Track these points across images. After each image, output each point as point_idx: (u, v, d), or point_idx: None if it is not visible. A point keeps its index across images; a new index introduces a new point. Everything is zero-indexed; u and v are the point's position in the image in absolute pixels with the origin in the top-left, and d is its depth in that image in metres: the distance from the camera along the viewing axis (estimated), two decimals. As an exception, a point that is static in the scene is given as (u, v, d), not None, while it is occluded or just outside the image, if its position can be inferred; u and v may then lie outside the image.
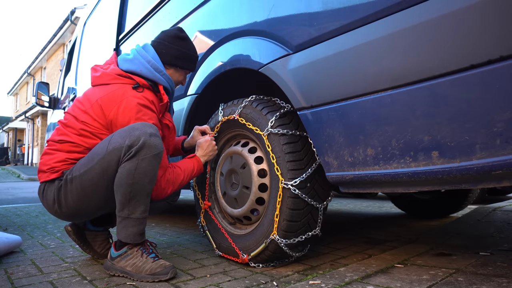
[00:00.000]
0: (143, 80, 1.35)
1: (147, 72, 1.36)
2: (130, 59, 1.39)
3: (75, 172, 1.25)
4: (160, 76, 1.39)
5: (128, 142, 1.18)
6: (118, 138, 1.21)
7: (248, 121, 1.37)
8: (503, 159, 0.73)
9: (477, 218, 2.20)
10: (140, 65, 1.37)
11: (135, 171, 1.18)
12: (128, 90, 1.32)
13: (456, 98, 0.78)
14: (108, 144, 1.22)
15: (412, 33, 0.84)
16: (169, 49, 1.43)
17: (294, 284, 1.12)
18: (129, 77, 1.35)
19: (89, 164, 1.23)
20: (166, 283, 1.18)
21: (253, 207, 1.40)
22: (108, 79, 1.35)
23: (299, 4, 1.13)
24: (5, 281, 1.25)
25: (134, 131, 1.20)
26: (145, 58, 1.38)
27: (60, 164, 1.28)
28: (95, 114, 1.30)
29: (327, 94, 1.06)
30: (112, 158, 1.20)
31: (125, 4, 2.66)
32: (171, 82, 1.45)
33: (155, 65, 1.38)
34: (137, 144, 1.18)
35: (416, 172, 0.89)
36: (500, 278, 1.06)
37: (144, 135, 1.19)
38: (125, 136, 1.20)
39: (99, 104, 1.29)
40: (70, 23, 14.83)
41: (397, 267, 1.24)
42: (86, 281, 1.23)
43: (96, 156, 1.23)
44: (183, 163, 1.42)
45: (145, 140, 1.19)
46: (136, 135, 1.19)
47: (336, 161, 1.07)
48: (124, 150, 1.19)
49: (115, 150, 1.20)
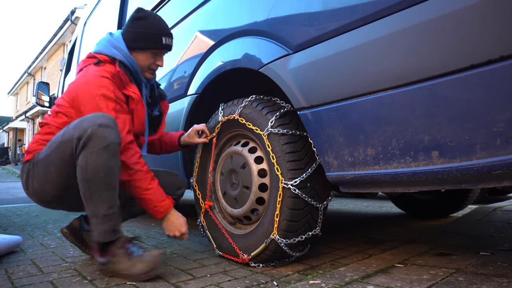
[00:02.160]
0: (103, 56, 1.39)
1: (105, 49, 1.41)
2: (97, 43, 1.47)
3: (40, 156, 1.28)
4: (116, 51, 1.41)
5: (77, 134, 1.17)
6: (71, 129, 1.20)
7: (248, 121, 1.37)
8: (503, 159, 0.73)
9: (477, 218, 2.20)
10: (102, 45, 1.43)
11: (86, 165, 1.16)
12: (90, 67, 1.37)
13: (456, 98, 0.78)
14: (63, 134, 1.23)
15: (412, 33, 0.84)
16: (128, 34, 1.44)
17: (294, 284, 1.12)
18: (93, 57, 1.41)
19: (48, 150, 1.25)
20: (166, 283, 1.18)
21: (253, 207, 1.40)
22: (81, 65, 1.42)
23: (299, 4, 1.13)
24: (5, 281, 1.26)
25: (83, 122, 1.18)
26: (107, 39, 1.44)
27: (35, 146, 1.33)
28: (65, 95, 1.36)
29: (327, 94, 1.06)
30: (65, 149, 1.20)
31: (125, 4, 2.66)
32: (131, 60, 1.42)
33: (113, 43, 1.42)
34: (85, 136, 1.15)
35: (416, 172, 0.89)
36: (500, 278, 1.06)
37: (92, 126, 1.16)
38: (76, 127, 1.19)
39: (69, 87, 1.37)
40: (70, 23, 14.83)
41: (397, 267, 1.24)
42: (86, 281, 1.23)
43: (53, 144, 1.24)
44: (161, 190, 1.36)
45: (93, 131, 1.15)
46: (84, 127, 1.16)
47: (336, 161, 1.07)
48: (75, 142, 1.17)
49: (67, 141, 1.19)
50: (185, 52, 1.82)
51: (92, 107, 1.29)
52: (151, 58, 1.46)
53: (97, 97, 1.29)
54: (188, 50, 1.79)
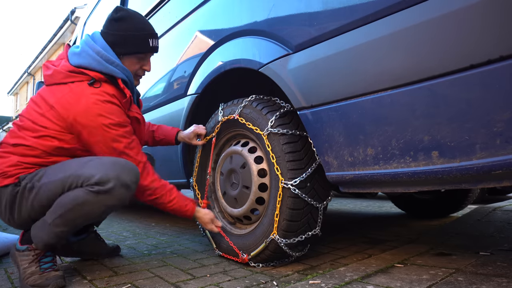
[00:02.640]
0: (98, 73, 1.22)
1: (98, 65, 1.23)
2: (78, 52, 1.25)
3: (37, 182, 1.14)
4: (113, 67, 1.25)
5: (97, 178, 1.09)
6: (92, 168, 1.12)
7: (248, 121, 1.37)
8: (503, 159, 0.73)
9: (477, 218, 2.20)
10: (89, 58, 1.23)
11: (82, 206, 1.10)
12: (84, 88, 1.20)
13: (456, 98, 0.78)
14: (80, 168, 1.12)
15: (412, 33, 0.84)
16: (109, 37, 1.28)
17: (294, 283, 1.12)
18: (82, 73, 1.21)
19: (51, 178, 1.13)
20: (166, 283, 1.18)
21: (253, 207, 1.40)
22: (61, 77, 1.22)
23: (299, 4, 1.13)
24: (5, 281, 1.26)
25: (111, 170, 1.11)
26: (93, 49, 1.24)
27: (13, 169, 1.16)
28: (53, 117, 1.18)
29: (327, 94, 1.06)
30: (75, 181, 1.11)
31: (125, 4, 2.66)
32: (127, 72, 1.30)
33: (106, 56, 1.24)
34: (104, 187, 1.09)
35: (416, 172, 0.89)
36: (500, 278, 1.06)
37: (117, 181, 1.11)
38: (100, 169, 1.11)
39: (56, 108, 1.18)
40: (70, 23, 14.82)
41: (397, 267, 1.24)
42: (86, 280, 1.23)
43: (61, 175, 1.13)
44: (181, 195, 1.39)
45: (114, 188, 1.10)
46: (109, 176, 1.10)
47: (336, 161, 1.07)
48: (90, 181, 1.09)
49: (81, 177, 1.10)
50: (185, 52, 1.82)
51: (103, 137, 1.20)
52: (137, 64, 1.35)
53: (107, 127, 1.19)
54: (188, 50, 1.79)
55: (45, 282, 1.13)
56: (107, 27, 1.30)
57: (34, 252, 1.18)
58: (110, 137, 1.21)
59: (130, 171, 1.16)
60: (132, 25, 1.29)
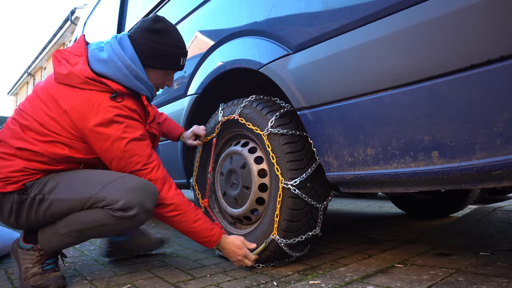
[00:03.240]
0: (120, 87, 1.14)
1: (126, 81, 1.16)
2: (105, 60, 1.15)
3: (49, 194, 1.09)
4: (140, 85, 1.19)
5: (122, 205, 1.07)
6: (114, 192, 1.08)
7: (248, 121, 1.37)
8: (503, 159, 0.73)
9: (477, 218, 2.20)
10: (117, 70, 1.14)
11: (102, 226, 1.10)
12: (105, 100, 1.12)
13: (456, 98, 0.78)
14: (101, 190, 1.09)
15: (412, 33, 0.84)
16: (142, 46, 1.19)
17: (294, 284, 1.12)
18: (103, 83, 1.13)
19: (69, 194, 1.09)
20: (166, 283, 1.18)
21: (253, 207, 1.40)
22: (78, 82, 1.12)
23: (299, 4, 1.13)
24: (5, 281, 1.26)
25: (135, 197, 1.09)
26: (123, 61, 1.15)
27: (19, 175, 1.09)
28: (66, 124, 1.11)
29: (327, 94, 1.06)
30: (96, 202, 1.08)
31: (125, 4, 2.66)
32: (152, 89, 1.26)
33: (135, 72, 1.17)
34: (128, 213, 1.08)
35: (416, 172, 0.88)
36: (500, 278, 1.06)
37: (140, 208, 1.10)
38: (123, 195, 1.08)
39: (70, 115, 1.10)
40: (70, 23, 14.82)
41: (397, 267, 1.24)
42: (86, 281, 1.23)
43: (80, 192, 1.09)
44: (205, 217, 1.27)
45: (137, 213, 1.09)
46: (134, 203, 1.08)
47: (336, 161, 1.07)
48: (113, 206, 1.08)
49: (103, 201, 1.08)
50: (185, 52, 1.82)
51: (122, 153, 1.14)
52: (162, 78, 1.30)
53: (126, 143, 1.14)
54: (188, 50, 1.79)
55: (46, 282, 1.13)
56: (142, 35, 1.20)
57: (39, 253, 1.17)
58: (128, 154, 1.15)
59: (152, 196, 1.14)
60: (168, 40, 1.23)
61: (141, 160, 1.17)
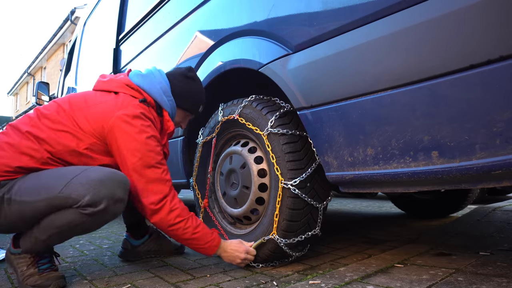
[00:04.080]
0: (151, 98, 1.29)
1: (156, 93, 1.30)
2: (144, 74, 1.33)
3: (15, 196, 1.05)
4: (167, 100, 1.33)
5: (88, 200, 1.02)
6: (79, 187, 1.03)
7: (248, 121, 1.37)
8: (503, 159, 0.73)
9: (477, 218, 2.20)
10: (151, 84, 1.30)
11: (78, 226, 1.07)
12: (134, 101, 1.23)
13: (456, 98, 0.78)
14: (65, 187, 1.04)
15: (412, 33, 0.84)
16: (176, 87, 1.37)
17: (294, 284, 1.12)
18: (138, 91, 1.27)
19: (32, 196, 1.05)
20: (166, 283, 1.18)
21: (253, 207, 1.40)
22: (115, 86, 1.26)
23: (299, 4, 1.13)
24: (5, 281, 1.26)
25: (101, 189, 1.04)
26: (158, 78, 1.33)
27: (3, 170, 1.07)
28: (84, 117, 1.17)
29: (327, 94, 1.06)
30: (62, 203, 1.04)
31: (125, 4, 2.66)
32: (174, 113, 1.38)
33: (165, 88, 1.33)
34: (97, 208, 1.04)
35: (416, 172, 0.89)
36: (500, 278, 1.06)
37: (110, 199, 1.05)
38: (88, 189, 1.03)
39: (96, 107, 1.19)
40: (70, 23, 14.83)
41: (397, 267, 1.24)
42: (86, 281, 1.23)
43: (43, 192, 1.04)
44: (206, 228, 1.26)
45: (108, 205, 1.05)
46: (101, 196, 1.03)
47: (336, 161, 1.07)
48: (80, 204, 1.03)
49: (69, 199, 1.03)
50: (185, 52, 1.82)
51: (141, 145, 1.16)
52: (181, 118, 1.46)
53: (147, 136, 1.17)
54: (188, 50, 1.79)
55: (46, 282, 1.13)
56: (176, 77, 1.38)
57: (30, 255, 1.16)
58: (147, 148, 1.17)
59: (122, 183, 1.10)
60: (197, 87, 1.43)
61: (157, 158, 1.20)
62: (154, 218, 1.18)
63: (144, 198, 1.17)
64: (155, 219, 1.18)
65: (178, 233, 1.20)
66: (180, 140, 1.84)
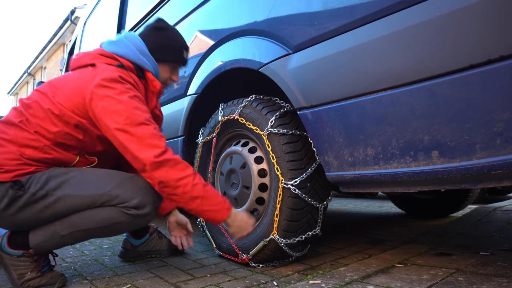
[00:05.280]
0: (128, 62, 1.21)
1: (132, 55, 1.22)
2: (115, 41, 1.26)
3: (54, 190, 1.06)
4: (146, 60, 1.25)
5: (136, 202, 1.10)
6: (129, 189, 1.10)
7: (248, 121, 1.37)
8: (503, 159, 0.73)
9: (477, 218, 2.20)
10: (126, 47, 1.23)
11: (115, 225, 1.11)
12: (111, 66, 1.17)
13: (456, 98, 0.78)
14: (115, 187, 1.10)
15: (412, 32, 0.84)
16: (148, 42, 1.29)
17: (294, 284, 1.12)
18: (113, 57, 1.21)
19: (81, 191, 1.08)
20: (166, 283, 1.18)
21: (253, 207, 1.40)
22: (89, 58, 1.20)
23: (299, 3, 1.13)
24: (5, 281, 1.26)
25: (148, 195, 1.13)
26: (131, 40, 1.26)
27: (15, 164, 1.05)
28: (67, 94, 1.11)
29: (327, 93, 1.06)
30: (109, 200, 1.09)
31: (125, 3, 2.66)
32: (157, 72, 1.31)
33: (141, 48, 1.25)
34: (141, 211, 1.11)
35: (416, 172, 0.88)
36: (500, 278, 1.06)
37: (153, 206, 1.14)
38: (137, 192, 1.11)
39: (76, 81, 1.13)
40: (70, 23, 14.82)
41: (397, 267, 1.24)
42: (86, 281, 1.23)
43: (93, 189, 1.09)
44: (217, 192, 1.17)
45: (150, 211, 1.14)
46: (147, 201, 1.12)
47: (336, 161, 1.07)
48: (127, 204, 1.09)
49: (117, 198, 1.09)
50: (185, 52, 1.82)
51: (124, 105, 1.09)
52: (169, 72, 1.37)
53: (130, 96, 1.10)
54: (188, 50, 1.79)
55: (51, 281, 1.13)
56: (146, 34, 1.32)
57: (33, 259, 1.12)
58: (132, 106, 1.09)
59: (160, 195, 1.17)
60: (171, 35, 1.34)
61: (145, 115, 1.11)
62: (159, 172, 1.06)
63: (143, 153, 1.06)
64: (160, 173, 1.06)
65: (187, 189, 1.07)
66: (180, 140, 1.84)
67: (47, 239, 1.11)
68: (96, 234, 1.15)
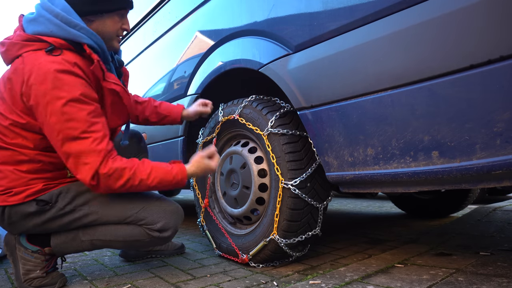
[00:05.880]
0: (59, 40, 1.04)
1: (59, 31, 1.04)
2: (34, 18, 1.06)
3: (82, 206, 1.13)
4: (76, 31, 1.05)
5: (160, 226, 1.16)
6: (154, 213, 1.16)
7: (248, 121, 1.37)
8: (503, 159, 0.73)
9: (477, 218, 2.20)
10: (47, 23, 1.04)
11: (134, 241, 1.17)
12: (40, 56, 1.02)
13: (456, 98, 0.78)
14: (142, 209, 1.16)
15: (412, 33, 0.84)
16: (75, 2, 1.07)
17: (294, 284, 1.12)
18: (39, 40, 1.04)
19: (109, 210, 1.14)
20: (166, 283, 1.18)
21: (253, 207, 1.40)
22: (15, 50, 1.05)
23: (299, 4, 1.13)
24: (5, 281, 1.26)
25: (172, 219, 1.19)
26: (51, 12, 1.05)
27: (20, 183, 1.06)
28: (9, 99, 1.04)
29: (327, 94, 1.06)
30: (136, 221, 1.15)
31: (125, 4, 2.65)
32: (96, 38, 1.10)
33: (67, 19, 1.04)
34: (164, 234, 1.17)
35: (416, 172, 0.89)
36: (500, 278, 1.06)
37: (174, 230, 1.20)
38: (162, 217, 1.17)
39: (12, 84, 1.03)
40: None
41: (397, 267, 1.24)
42: (86, 281, 1.23)
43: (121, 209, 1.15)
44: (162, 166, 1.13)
45: (171, 234, 1.20)
46: (170, 225, 1.18)
47: (336, 161, 1.07)
48: (152, 227, 1.16)
49: (143, 220, 1.15)
50: (185, 52, 1.82)
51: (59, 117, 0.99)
52: (118, 22, 1.17)
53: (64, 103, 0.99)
54: (188, 50, 1.79)
55: (52, 281, 1.15)
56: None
57: (45, 258, 1.16)
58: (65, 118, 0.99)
59: (182, 218, 1.24)
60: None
61: (81, 127, 1.00)
62: (100, 189, 1.06)
63: (79, 173, 1.02)
64: (101, 189, 1.06)
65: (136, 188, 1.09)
66: (180, 140, 1.84)
67: (68, 240, 1.16)
68: (114, 245, 1.19)
